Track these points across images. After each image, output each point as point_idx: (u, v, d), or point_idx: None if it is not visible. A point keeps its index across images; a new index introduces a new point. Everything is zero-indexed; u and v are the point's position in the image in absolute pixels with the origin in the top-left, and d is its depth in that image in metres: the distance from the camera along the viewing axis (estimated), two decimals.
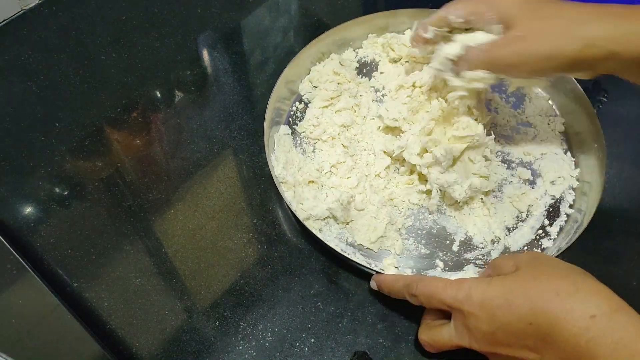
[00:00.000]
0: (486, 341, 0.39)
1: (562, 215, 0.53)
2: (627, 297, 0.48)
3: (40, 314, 0.47)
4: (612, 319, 0.35)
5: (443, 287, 0.41)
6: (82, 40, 0.67)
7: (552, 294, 0.37)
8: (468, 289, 0.40)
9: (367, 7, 0.72)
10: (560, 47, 0.44)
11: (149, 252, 0.52)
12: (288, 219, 0.54)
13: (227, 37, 0.68)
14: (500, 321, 0.38)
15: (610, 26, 0.44)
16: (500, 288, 0.39)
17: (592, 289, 0.37)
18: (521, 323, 0.37)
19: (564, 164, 0.56)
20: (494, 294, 0.39)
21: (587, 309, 0.35)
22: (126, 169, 0.57)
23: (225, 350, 0.47)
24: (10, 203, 0.55)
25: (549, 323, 0.36)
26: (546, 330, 0.36)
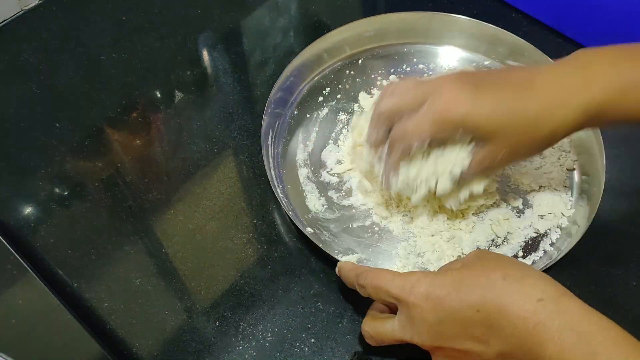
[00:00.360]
0: (430, 334, 0.39)
1: (539, 251, 0.51)
2: (626, 297, 0.49)
3: (40, 314, 0.47)
4: (559, 303, 0.35)
5: (391, 278, 0.41)
6: (82, 41, 0.67)
7: (500, 279, 0.37)
8: (416, 280, 0.39)
9: (367, 7, 0.72)
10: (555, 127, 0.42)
11: (149, 252, 0.52)
12: (288, 219, 0.54)
13: (227, 37, 0.68)
14: (447, 310, 0.37)
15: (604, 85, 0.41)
16: (449, 278, 0.38)
17: (538, 275, 0.37)
18: (468, 310, 0.37)
19: (560, 202, 0.53)
20: (441, 282, 0.38)
21: (534, 293, 0.35)
22: (126, 169, 0.57)
23: (225, 350, 0.47)
24: (10, 203, 0.55)
25: (497, 309, 0.36)
26: (494, 316, 0.36)
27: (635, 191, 0.55)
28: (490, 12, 0.68)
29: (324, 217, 0.53)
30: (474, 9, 0.68)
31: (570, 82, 0.42)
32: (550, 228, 0.52)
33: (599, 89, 0.41)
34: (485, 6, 0.69)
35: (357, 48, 0.63)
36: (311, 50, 0.60)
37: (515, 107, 0.42)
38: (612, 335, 0.34)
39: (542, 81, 0.42)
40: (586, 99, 0.41)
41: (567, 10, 0.63)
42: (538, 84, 0.42)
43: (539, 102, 0.42)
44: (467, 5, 0.69)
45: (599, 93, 0.41)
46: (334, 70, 0.63)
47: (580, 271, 0.50)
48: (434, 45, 0.64)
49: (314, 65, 0.62)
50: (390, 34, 0.63)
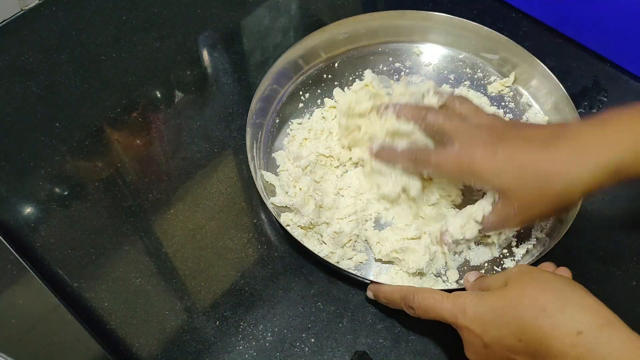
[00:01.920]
0: (481, 354, 0.40)
1: (532, 239, 0.51)
2: (626, 297, 0.49)
3: (40, 314, 0.47)
4: (599, 335, 0.34)
5: (440, 300, 0.42)
6: (82, 41, 0.67)
7: (539, 309, 0.36)
8: (463, 304, 0.40)
9: (367, 7, 0.72)
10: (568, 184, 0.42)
11: (149, 252, 0.52)
12: None
13: (227, 37, 0.68)
14: (492, 336, 0.38)
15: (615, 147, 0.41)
16: (491, 304, 0.39)
17: (580, 303, 0.37)
18: (511, 339, 0.37)
19: None
20: (485, 309, 0.39)
21: (574, 325, 0.35)
22: (126, 169, 0.57)
23: (225, 350, 0.47)
24: (10, 203, 0.55)
25: (537, 340, 0.36)
26: (535, 347, 0.36)
27: (635, 191, 0.55)
28: (490, 12, 0.68)
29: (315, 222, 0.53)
30: (474, 9, 0.68)
31: (589, 141, 0.41)
32: None
33: (618, 148, 0.40)
34: (485, 6, 0.69)
35: (332, 52, 0.63)
36: (287, 57, 0.60)
37: (526, 163, 0.42)
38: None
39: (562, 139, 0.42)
40: (604, 159, 0.40)
41: (567, 10, 0.63)
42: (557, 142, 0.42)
43: (552, 160, 0.42)
44: (467, 5, 0.69)
45: (618, 152, 0.40)
46: (311, 76, 0.62)
47: (580, 271, 0.50)
48: (408, 43, 0.64)
49: (291, 72, 0.61)
50: (363, 35, 0.63)
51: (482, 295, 0.40)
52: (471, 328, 0.39)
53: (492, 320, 0.38)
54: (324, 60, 0.63)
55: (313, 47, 0.62)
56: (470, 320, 0.39)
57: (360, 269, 0.51)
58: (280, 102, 0.60)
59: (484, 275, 0.44)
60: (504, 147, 0.44)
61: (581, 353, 0.34)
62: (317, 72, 0.63)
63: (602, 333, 0.35)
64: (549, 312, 0.36)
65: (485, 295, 0.40)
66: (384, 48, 0.64)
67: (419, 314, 0.43)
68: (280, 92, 0.60)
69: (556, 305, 0.36)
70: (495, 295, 0.39)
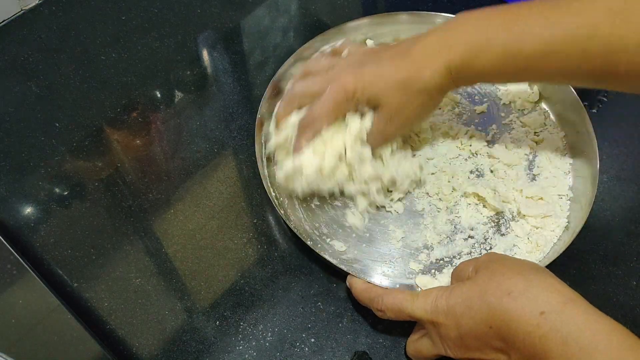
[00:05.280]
0: (457, 347, 0.40)
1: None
2: (626, 297, 0.49)
3: (40, 314, 0.47)
4: (561, 313, 0.35)
5: (410, 299, 0.42)
6: (82, 40, 0.67)
7: (505, 293, 0.37)
8: (434, 299, 0.41)
9: (367, 7, 0.72)
10: (425, 85, 0.47)
11: (149, 252, 0.52)
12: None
13: (227, 37, 0.68)
14: (464, 327, 0.39)
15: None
16: (460, 295, 0.39)
17: (543, 284, 0.37)
18: (482, 327, 0.38)
19: (556, 207, 0.53)
20: (455, 301, 0.39)
21: (537, 306, 0.36)
22: (126, 169, 0.57)
23: (225, 350, 0.47)
24: (10, 203, 0.55)
25: (505, 323, 0.37)
26: (504, 331, 0.37)
27: (635, 190, 0.55)
28: None
29: (316, 217, 0.53)
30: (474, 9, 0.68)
31: (435, 46, 0.46)
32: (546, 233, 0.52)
33: (456, 51, 0.45)
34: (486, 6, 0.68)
35: None
36: (308, 48, 0.61)
37: (389, 75, 0.47)
38: (615, 343, 0.34)
39: (416, 48, 0.47)
40: (446, 61, 0.45)
41: None
42: (412, 51, 0.47)
43: (409, 67, 0.47)
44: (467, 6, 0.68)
45: (455, 54, 0.45)
46: None
47: (580, 270, 0.50)
48: None
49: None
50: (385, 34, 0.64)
51: (452, 287, 0.41)
52: (445, 322, 0.40)
53: (463, 311, 0.39)
54: None
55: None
56: (444, 314, 0.40)
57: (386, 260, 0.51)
58: None
59: (457, 266, 0.45)
60: (370, 67, 0.49)
61: (545, 332, 0.35)
62: None
63: (564, 311, 0.35)
64: (513, 295, 0.37)
65: (455, 287, 0.40)
66: None
67: (390, 316, 0.43)
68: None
69: (520, 288, 0.37)
70: (466, 286, 0.40)
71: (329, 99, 0.49)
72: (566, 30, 0.42)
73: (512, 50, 0.44)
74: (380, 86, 0.48)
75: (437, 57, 0.46)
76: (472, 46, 0.45)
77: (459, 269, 0.44)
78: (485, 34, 0.45)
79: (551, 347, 0.35)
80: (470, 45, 0.45)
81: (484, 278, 0.39)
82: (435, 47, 0.46)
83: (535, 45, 0.43)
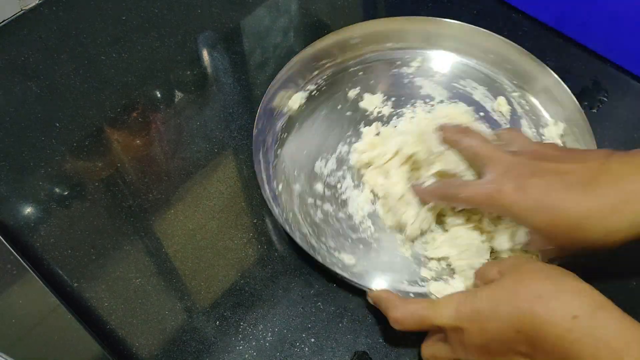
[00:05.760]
0: (481, 353, 0.39)
1: None
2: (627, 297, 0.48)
3: (40, 314, 0.47)
4: (594, 318, 0.35)
5: (432, 308, 0.40)
6: (82, 40, 0.67)
7: (535, 297, 0.36)
8: (457, 305, 0.39)
9: (367, 7, 0.72)
10: (606, 233, 0.40)
11: (149, 252, 0.52)
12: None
13: (227, 37, 0.68)
14: (491, 332, 0.38)
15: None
16: (486, 298, 0.38)
17: (574, 288, 0.37)
18: (510, 331, 0.37)
19: None
20: (480, 305, 0.38)
21: (569, 310, 0.35)
22: (126, 169, 0.57)
23: (225, 350, 0.47)
24: (10, 203, 0.55)
25: (534, 328, 0.36)
26: (533, 335, 0.36)
27: None
28: (490, 12, 0.68)
29: (319, 228, 0.52)
30: (473, 9, 0.68)
31: (632, 188, 0.39)
32: None
33: None
34: (485, 6, 0.69)
35: (347, 54, 0.63)
36: (298, 59, 0.60)
37: (559, 207, 0.40)
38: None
39: (603, 183, 0.40)
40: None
41: (567, 10, 0.63)
42: (596, 185, 0.40)
43: (589, 206, 0.40)
44: (467, 5, 0.69)
45: None
46: (322, 80, 0.62)
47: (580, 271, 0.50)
48: (417, 49, 0.64)
49: (298, 78, 0.61)
50: (381, 39, 0.63)
51: (475, 291, 0.39)
52: (469, 328, 0.38)
53: (489, 316, 0.38)
54: (335, 64, 0.63)
55: (324, 50, 0.62)
56: (468, 319, 0.38)
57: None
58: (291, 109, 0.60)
59: (480, 267, 0.44)
60: (537, 183, 0.41)
61: (577, 337, 0.34)
62: (328, 76, 0.62)
63: (597, 316, 0.35)
64: (544, 299, 0.36)
65: (479, 291, 0.39)
66: (394, 53, 0.63)
67: (411, 325, 0.42)
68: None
69: (551, 292, 0.36)
70: (491, 289, 0.39)
71: (477, 192, 0.44)
72: None
73: None
74: (544, 217, 0.41)
75: (636, 201, 0.39)
76: None
77: (482, 270, 0.43)
78: None
79: (583, 352, 0.34)
80: None
81: (511, 281, 0.38)
82: (633, 187, 0.39)
83: None
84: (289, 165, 0.56)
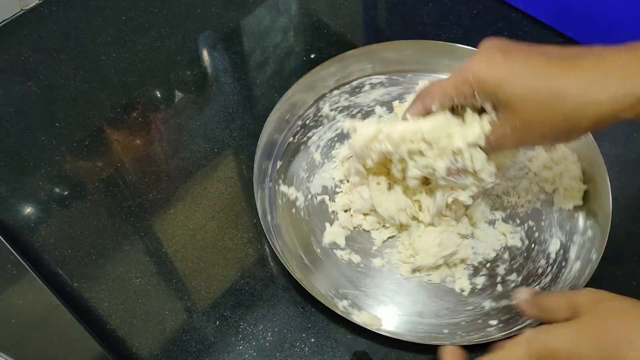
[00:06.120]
0: None
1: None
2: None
3: (40, 314, 0.47)
4: None
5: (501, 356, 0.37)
6: (82, 40, 0.67)
7: (624, 342, 0.33)
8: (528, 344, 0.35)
9: (367, 8, 0.72)
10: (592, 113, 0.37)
11: (149, 252, 0.52)
12: None
13: (227, 37, 0.68)
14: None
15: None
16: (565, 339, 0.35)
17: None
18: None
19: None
20: (559, 346, 0.35)
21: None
22: (126, 169, 0.57)
23: (225, 350, 0.47)
24: (10, 203, 0.55)
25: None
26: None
27: (635, 190, 0.55)
28: (490, 12, 0.68)
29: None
30: (474, 9, 0.68)
31: (615, 63, 0.37)
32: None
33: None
34: (485, 6, 0.69)
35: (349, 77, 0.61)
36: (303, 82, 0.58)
37: (539, 75, 0.38)
38: None
39: (584, 58, 0.38)
40: (629, 84, 0.36)
41: (567, 9, 0.63)
42: (578, 59, 0.38)
43: (569, 76, 0.38)
44: (467, 5, 0.69)
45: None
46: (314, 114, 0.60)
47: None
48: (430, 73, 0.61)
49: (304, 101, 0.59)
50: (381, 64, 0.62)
51: (549, 329, 0.36)
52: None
53: (569, 357, 0.34)
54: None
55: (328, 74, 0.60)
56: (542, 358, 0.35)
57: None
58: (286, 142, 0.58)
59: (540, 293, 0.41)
60: (516, 54, 0.39)
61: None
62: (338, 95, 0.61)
63: None
64: (635, 345, 0.33)
65: (554, 330, 0.36)
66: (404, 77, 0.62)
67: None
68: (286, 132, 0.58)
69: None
70: (570, 329, 0.35)
71: (451, 83, 0.42)
72: None
73: None
74: (522, 84, 0.38)
75: (617, 74, 0.36)
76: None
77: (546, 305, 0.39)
78: None
79: None
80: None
81: (593, 322, 0.35)
82: (615, 62, 0.37)
83: None
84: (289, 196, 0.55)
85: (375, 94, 0.61)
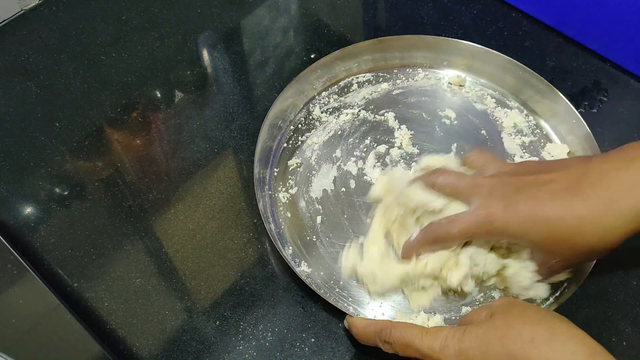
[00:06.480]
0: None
1: None
2: (626, 297, 0.48)
3: (40, 314, 0.47)
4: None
5: (420, 335, 0.39)
6: (82, 40, 0.67)
7: (527, 341, 0.35)
8: (444, 339, 0.38)
9: (367, 7, 0.72)
10: (603, 235, 0.40)
11: (149, 252, 0.52)
12: None
13: (227, 37, 0.68)
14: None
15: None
16: (475, 337, 0.37)
17: (567, 334, 0.36)
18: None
19: None
20: (469, 344, 0.37)
21: (562, 357, 0.34)
22: (126, 169, 0.57)
23: (225, 350, 0.47)
24: (10, 203, 0.55)
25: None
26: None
27: None
28: (490, 11, 0.68)
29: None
30: (474, 9, 0.68)
31: (616, 186, 0.39)
32: None
33: None
34: (485, 6, 0.69)
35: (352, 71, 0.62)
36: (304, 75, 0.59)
37: (553, 217, 0.40)
38: None
39: (587, 186, 0.40)
40: (637, 204, 0.38)
41: (567, 9, 0.63)
42: (582, 189, 0.40)
43: (581, 211, 0.40)
44: (467, 5, 0.69)
45: None
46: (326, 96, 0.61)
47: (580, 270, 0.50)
48: (431, 68, 0.62)
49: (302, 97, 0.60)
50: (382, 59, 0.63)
51: (464, 329, 0.38)
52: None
53: (477, 355, 0.36)
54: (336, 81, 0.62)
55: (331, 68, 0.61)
56: (455, 356, 0.37)
57: None
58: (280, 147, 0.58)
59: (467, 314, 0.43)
60: (525, 199, 0.41)
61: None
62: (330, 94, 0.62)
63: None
64: (536, 344, 0.35)
65: (468, 329, 0.38)
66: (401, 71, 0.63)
67: (397, 349, 0.41)
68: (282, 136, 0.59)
69: (544, 337, 0.35)
70: (481, 328, 0.38)
71: (468, 223, 0.43)
72: None
73: None
74: (541, 230, 0.41)
75: (623, 198, 0.39)
76: None
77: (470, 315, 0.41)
78: None
79: None
80: None
81: (502, 323, 0.37)
82: (616, 185, 0.39)
83: None
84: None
85: (364, 92, 0.61)
